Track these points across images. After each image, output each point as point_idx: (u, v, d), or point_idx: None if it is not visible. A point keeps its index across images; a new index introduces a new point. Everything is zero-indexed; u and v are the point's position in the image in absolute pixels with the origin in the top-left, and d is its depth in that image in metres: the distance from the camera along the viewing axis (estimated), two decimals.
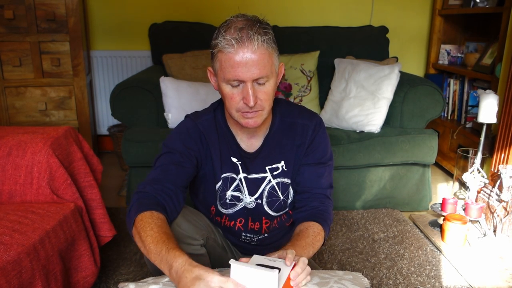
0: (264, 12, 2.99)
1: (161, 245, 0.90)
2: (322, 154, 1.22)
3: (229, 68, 1.02)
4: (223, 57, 1.03)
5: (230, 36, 1.00)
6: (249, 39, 1.00)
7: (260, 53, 1.02)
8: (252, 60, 1.01)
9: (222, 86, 1.08)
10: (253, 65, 1.01)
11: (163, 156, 1.15)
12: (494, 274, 1.76)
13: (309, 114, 1.24)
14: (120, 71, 3.09)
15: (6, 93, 2.69)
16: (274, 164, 1.22)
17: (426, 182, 2.35)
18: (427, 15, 3.21)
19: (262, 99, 1.07)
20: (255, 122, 1.09)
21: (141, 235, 0.95)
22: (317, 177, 1.22)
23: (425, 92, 2.27)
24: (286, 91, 2.61)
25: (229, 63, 1.02)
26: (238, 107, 1.07)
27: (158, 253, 0.90)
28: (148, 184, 1.09)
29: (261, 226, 1.28)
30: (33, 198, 1.41)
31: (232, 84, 1.05)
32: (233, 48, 1.00)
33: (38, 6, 2.58)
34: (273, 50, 1.06)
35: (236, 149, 1.21)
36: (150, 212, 1.00)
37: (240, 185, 1.23)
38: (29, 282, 1.13)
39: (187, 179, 1.16)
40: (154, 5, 3.01)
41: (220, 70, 1.06)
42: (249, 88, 1.03)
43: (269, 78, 1.06)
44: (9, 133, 1.49)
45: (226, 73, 1.03)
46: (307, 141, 1.21)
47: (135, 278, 1.68)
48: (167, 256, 0.87)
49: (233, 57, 1.01)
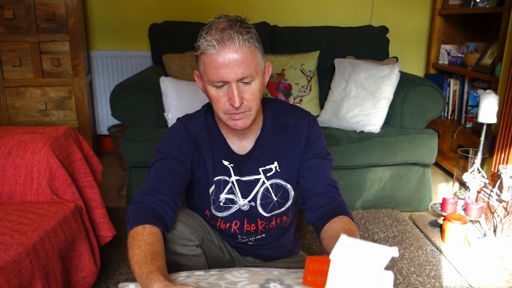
0: (264, 12, 3.02)
1: (143, 268, 0.90)
2: (320, 149, 1.21)
3: (212, 70, 1.02)
4: (206, 59, 1.02)
5: (211, 37, 0.99)
6: (230, 38, 0.99)
7: (243, 53, 1.00)
8: (235, 60, 1.00)
9: (207, 88, 1.07)
10: (236, 65, 1.00)
11: (158, 163, 1.14)
12: (494, 274, 1.76)
13: (301, 113, 1.23)
14: (120, 71, 3.09)
15: (6, 93, 2.69)
16: (267, 165, 1.21)
17: (426, 182, 2.35)
18: (427, 15, 3.21)
19: (248, 99, 1.06)
20: (244, 123, 1.08)
21: (129, 253, 0.96)
22: (321, 170, 1.20)
23: (425, 92, 2.27)
24: (286, 91, 2.61)
25: (212, 65, 1.01)
26: (225, 109, 1.07)
27: (140, 276, 0.90)
28: (145, 194, 1.07)
29: (257, 227, 1.28)
30: (33, 198, 1.41)
31: (217, 85, 1.04)
32: (214, 49, 0.99)
33: (38, 6, 2.58)
34: (256, 49, 1.04)
35: (227, 152, 1.20)
36: (142, 227, 0.98)
37: (233, 187, 1.22)
38: (29, 282, 1.13)
39: (183, 185, 1.15)
40: (154, 5, 3.01)
41: (204, 73, 1.05)
42: (234, 89, 1.02)
43: (254, 78, 1.05)
44: (9, 133, 1.49)
45: (210, 75, 1.03)
46: (303, 140, 1.20)
47: (135, 278, 1.68)
48: (146, 280, 0.87)
49: (215, 58, 1.00)
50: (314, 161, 1.20)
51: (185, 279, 0.96)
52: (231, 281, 0.95)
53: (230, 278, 0.96)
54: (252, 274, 0.99)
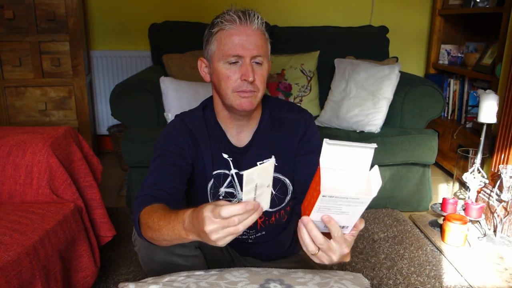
0: (264, 12, 3.00)
1: (169, 215, 0.89)
2: (315, 145, 1.22)
3: (230, 44, 1.05)
4: (223, 34, 1.07)
5: (233, 13, 1.05)
6: (250, 17, 1.06)
7: (259, 33, 1.07)
8: (253, 37, 1.05)
9: (218, 67, 1.09)
10: (254, 42, 1.06)
11: (157, 160, 1.14)
12: (494, 274, 1.76)
13: (299, 110, 1.25)
14: (120, 71, 3.09)
15: (6, 93, 2.69)
16: (265, 159, 1.21)
17: (426, 182, 2.35)
18: (427, 15, 3.21)
19: (258, 80, 1.09)
20: (251, 103, 1.10)
21: (149, 224, 0.95)
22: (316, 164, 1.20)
23: (425, 92, 2.27)
24: (286, 91, 2.61)
25: (230, 39, 1.05)
26: (235, 86, 1.08)
27: (168, 222, 0.88)
28: (146, 188, 1.08)
29: (256, 221, 1.28)
30: (33, 198, 1.41)
31: (230, 61, 1.07)
32: (235, 25, 1.05)
33: (38, 6, 2.58)
34: (267, 39, 1.11)
35: (227, 145, 1.21)
36: (150, 206, 1.00)
37: (233, 181, 1.22)
38: (29, 282, 1.13)
39: (184, 177, 1.15)
40: (154, 5, 3.01)
41: (218, 50, 1.08)
42: (248, 64, 1.06)
43: (264, 61, 1.10)
44: (9, 133, 1.49)
45: (227, 49, 1.06)
46: (299, 135, 1.21)
47: (135, 278, 1.68)
48: (177, 217, 0.86)
49: (235, 33, 1.05)
50: (309, 156, 1.20)
51: (185, 279, 0.96)
52: (231, 281, 0.95)
53: (230, 278, 0.96)
54: (252, 274, 0.99)
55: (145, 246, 1.13)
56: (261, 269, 1.05)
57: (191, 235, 0.84)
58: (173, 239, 0.90)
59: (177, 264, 1.14)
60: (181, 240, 0.89)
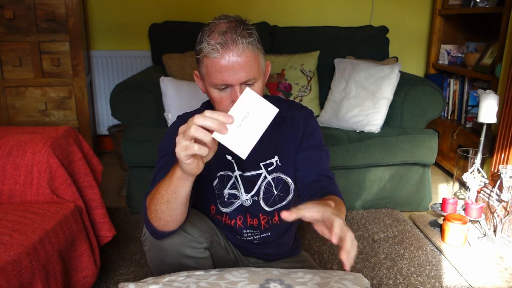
0: (264, 12, 3.02)
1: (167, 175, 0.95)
2: (316, 141, 1.22)
3: (215, 73, 1.01)
4: (208, 62, 1.02)
5: (215, 41, 0.99)
6: (234, 42, 0.99)
7: (246, 56, 1.00)
8: (238, 63, 1.00)
9: (210, 90, 1.07)
10: (240, 68, 1.00)
11: (163, 159, 1.14)
12: (494, 274, 1.76)
13: (299, 107, 1.25)
14: (120, 71, 3.09)
15: (6, 93, 2.69)
16: (268, 159, 1.22)
17: (426, 182, 2.35)
18: (427, 15, 3.21)
19: None
20: None
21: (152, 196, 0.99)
22: (316, 160, 1.20)
23: (425, 92, 2.27)
24: (286, 91, 2.61)
25: (215, 68, 1.01)
26: (228, 109, 1.07)
27: (164, 179, 0.95)
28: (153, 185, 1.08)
29: (259, 222, 1.28)
30: (33, 198, 1.41)
31: (220, 88, 1.04)
32: (218, 53, 0.99)
33: (38, 6, 2.58)
34: (258, 51, 1.05)
35: None
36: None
37: (236, 183, 1.23)
38: (29, 282, 1.13)
39: None
40: (154, 5, 3.01)
41: (207, 75, 1.05)
42: (237, 92, 1.02)
43: (257, 79, 1.05)
44: (9, 133, 1.49)
45: (213, 78, 1.02)
46: (300, 131, 1.20)
47: (135, 278, 1.68)
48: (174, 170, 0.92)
49: (218, 62, 1.00)
50: (309, 152, 1.20)
51: (185, 279, 0.96)
52: (231, 281, 0.95)
53: (230, 278, 0.96)
54: (252, 274, 0.99)
55: (155, 246, 1.13)
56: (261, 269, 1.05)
57: (177, 167, 0.89)
58: (169, 191, 0.94)
59: (186, 266, 1.14)
60: (175, 186, 0.93)
